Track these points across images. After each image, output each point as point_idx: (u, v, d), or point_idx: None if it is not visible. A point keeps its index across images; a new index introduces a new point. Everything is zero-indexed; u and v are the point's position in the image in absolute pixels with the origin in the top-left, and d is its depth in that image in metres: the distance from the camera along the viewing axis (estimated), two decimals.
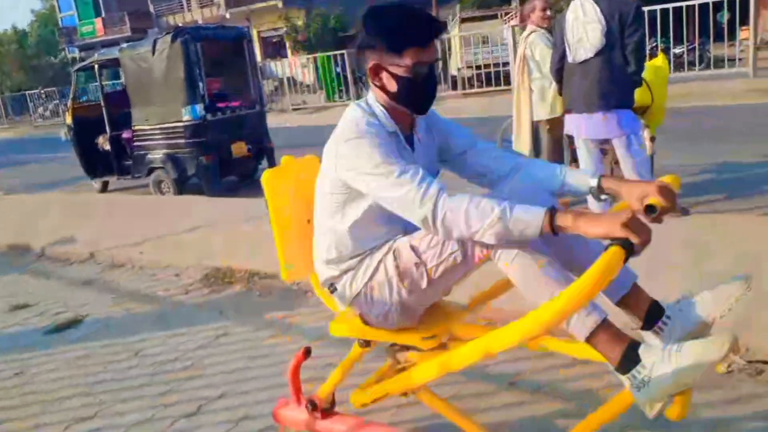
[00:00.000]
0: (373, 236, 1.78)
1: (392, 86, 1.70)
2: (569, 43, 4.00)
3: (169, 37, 6.83)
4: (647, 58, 4.37)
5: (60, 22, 39.62)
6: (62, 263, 4.97)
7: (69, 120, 8.42)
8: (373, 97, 1.78)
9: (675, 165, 5.50)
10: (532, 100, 4.69)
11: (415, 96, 1.73)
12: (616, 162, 4.30)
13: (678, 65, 12.29)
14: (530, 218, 1.46)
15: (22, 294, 4.29)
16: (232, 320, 3.39)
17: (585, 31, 3.88)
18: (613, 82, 3.87)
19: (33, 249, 5.36)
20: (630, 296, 1.65)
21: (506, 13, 19.63)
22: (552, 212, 1.44)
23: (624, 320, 1.70)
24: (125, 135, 7.75)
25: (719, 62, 12.00)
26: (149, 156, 7.36)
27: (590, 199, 3.95)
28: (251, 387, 2.65)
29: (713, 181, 5.20)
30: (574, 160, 4.76)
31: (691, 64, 12.48)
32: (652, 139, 4.37)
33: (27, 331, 3.64)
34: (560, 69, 4.18)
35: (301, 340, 2.97)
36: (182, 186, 7.21)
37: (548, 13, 4.62)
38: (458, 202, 1.51)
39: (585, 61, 3.93)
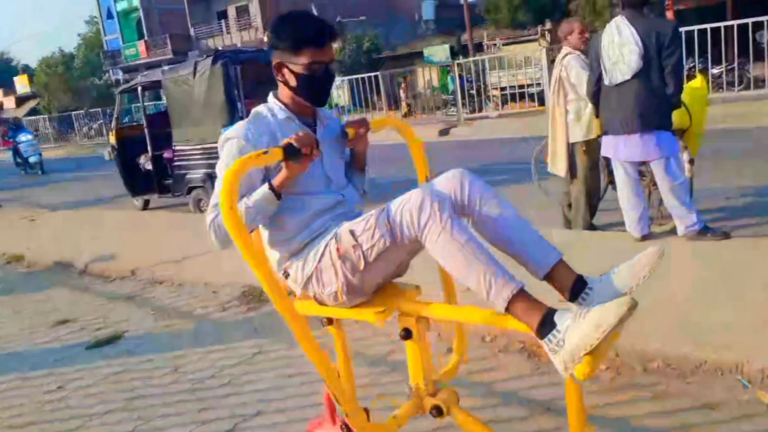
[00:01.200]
0: (295, 212, 1.94)
1: (292, 81, 1.95)
2: (605, 65, 3.99)
3: (209, 60, 6.99)
4: (685, 79, 4.33)
5: (105, 45, 40.94)
6: (103, 279, 5.10)
7: (113, 140, 8.66)
8: (274, 93, 2.06)
9: (715, 188, 5.41)
10: (567, 122, 4.66)
11: (311, 90, 1.96)
12: (655, 185, 4.24)
13: (717, 86, 12.10)
14: (260, 195, 1.82)
15: (64, 309, 4.40)
16: (268, 338, 3.42)
17: (621, 53, 3.87)
18: (650, 104, 3.84)
19: (75, 265, 5.51)
20: (555, 271, 1.76)
21: (542, 34, 19.63)
22: (269, 184, 1.81)
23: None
24: (166, 155, 7.93)
25: (759, 82, 11.77)
26: (189, 175, 7.51)
27: None
28: (286, 405, 2.67)
29: (754, 204, 5.08)
30: (611, 183, 4.72)
31: (731, 84, 12.25)
32: (691, 161, 4.31)
33: (68, 347, 3.73)
34: (597, 91, 4.16)
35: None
36: None
37: (586, 35, 4.60)
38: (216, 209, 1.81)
39: (622, 84, 3.91)
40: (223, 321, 3.82)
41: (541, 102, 13.40)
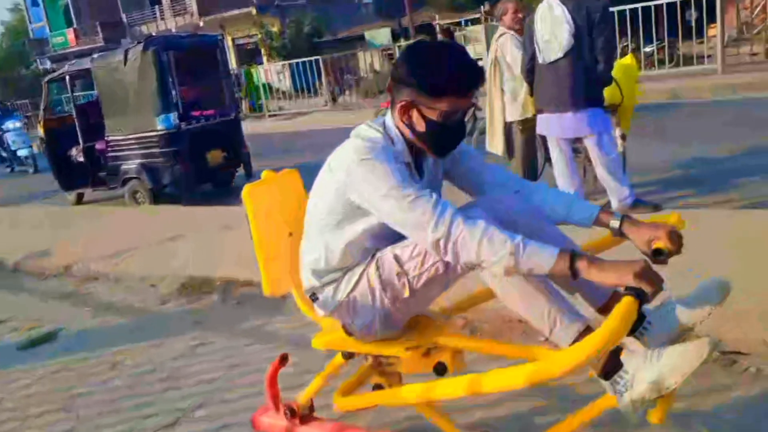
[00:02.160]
0: (363, 252, 1.77)
1: (421, 126, 1.68)
2: (538, 44, 4.05)
3: (140, 47, 6.77)
4: (617, 57, 4.44)
5: (31, 33, 39.12)
6: (37, 277, 4.90)
7: (41, 132, 8.32)
8: (392, 122, 1.74)
9: (646, 161, 5.59)
10: (504, 101, 4.73)
11: (441, 141, 1.72)
12: (589, 161, 4.35)
13: (648, 64, 12.48)
14: (543, 259, 1.45)
15: None
16: (210, 330, 3.37)
17: (553, 32, 3.93)
18: (582, 81, 3.93)
19: (6, 264, 5.28)
20: (611, 303, 1.66)
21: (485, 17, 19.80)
22: (571, 255, 1.44)
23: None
24: (99, 146, 7.67)
25: (688, 60, 12.20)
26: (124, 166, 7.28)
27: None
28: (230, 396, 2.64)
29: (685, 177, 5.28)
30: (548, 160, 4.82)
31: (661, 62, 12.66)
32: (623, 136, 4.44)
33: (1, 347, 3.58)
34: (531, 70, 4.22)
35: (279, 347, 2.96)
36: (158, 196, 7.15)
37: (520, 15, 4.67)
38: (472, 230, 1.50)
39: (554, 62, 3.98)
40: (163, 314, 3.74)
41: None
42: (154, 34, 20.97)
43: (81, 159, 7.93)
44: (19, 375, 3.17)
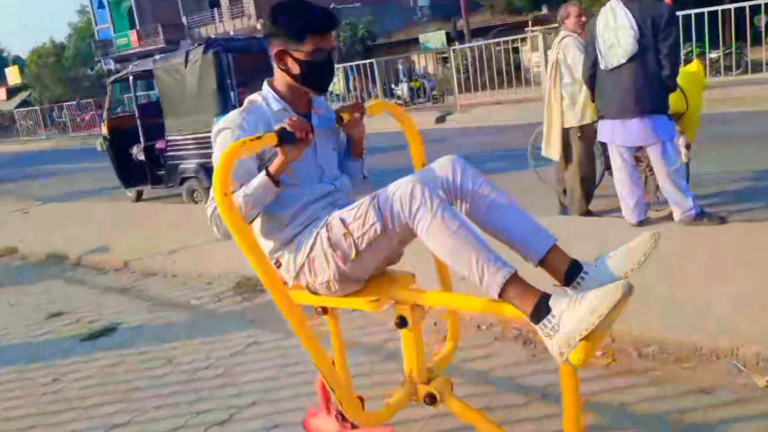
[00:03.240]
0: (284, 203, 1.93)
1: (295, 69, 1.92)
2: (600, 49, 3.95)
3: (200, 49, 6.92)
4: (682, 63, 4.30)
5: (96, 35, 40.65)
6: (97, 272, 5.06)
7: (104, 131, 8.58)
8: (268, 81, 2.03)
9: (712, 172, 5.39)
10: (563, 106, 4.64)
11: (315, 77, 1.94)
12: (651, 170, 4.22)
13: (714, 70, 12.06)
14: (257, 182, 1.79)
15: (57, 302, 4.38)
16: (263, 328, 3.40)
17: (617, 37, 3.83)
18: (646, 88, 3.81)
19: (69, 258, 5.47)
20: (550, 257, 1.75)
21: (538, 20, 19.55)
22: (267, 171, 1.79)
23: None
24: (159, 145, 7.87)
25: (757, 66, 11.73)
26: (182, 165, 7.45)
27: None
28: (282, 395, 2.66)
29: (751, 189, 5.07)
30: (608, 168, 4.69)
31: (728, 68, 12.22)
32: (688, 146, 4.29)
33: (62, 339, 3.70)
34: (593, 76, 4.13)
35: (332, 348, 2.97)
36: None
37: (583, 19, 4.57)
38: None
39: (617, 68, 3.88)
40: (218, 312, 3.80)
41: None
42: (212, 36, 21.49)
43: (141, 158, 8.15)
44: (80, 366, 3.27)
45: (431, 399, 1.99)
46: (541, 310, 1.56)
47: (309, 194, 1.95)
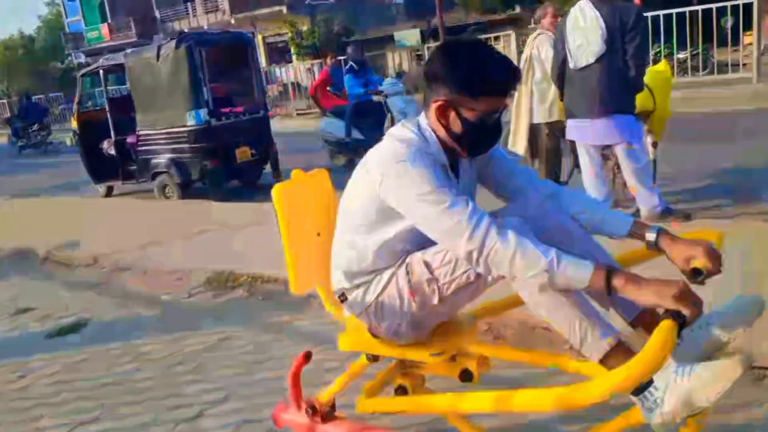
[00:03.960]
0: (394, 255, 1.75)
1: (457, 127, 1.65)
2: (570, 49, 4.01)
3: (173, 43, 6.86)
4: (650, 63, 4.38)
5: (67, 28, 39.84)
6: (66, 267, 4.99)
7: (74, 125, 8.46)
8: (427, 123, 1.71)
9: (678, 170, 5.50)
10: (532, 102, 4.71)
11: (477, 141, 1.70)
12: (618, 168, 4.30)
13: (682, 70, 12.28)
14: (579, 275, 1.43)
15: (25, 298, 4.31)
16: (235, 324, 3.40)
17: (585, 37, 3.89)
18: (613, 87, 3.88)
19: (37, 253, 5.38)
20: (644, 315, 1.64)
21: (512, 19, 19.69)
22: (608, 271, 1.41)
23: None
24: (130, 140, 7.78)
25: (723, 67, 11.97)
26: (154, 160, 7.39)
27: None
28: (253, 391, 2.66)
29: (717, 187, 5.18)
30: (577, 165, 4.77)
31: (695, 69, 12.45)
32: (655, 144, 4.38)
33: (30, 335, 3.66)
34: (561, 74, 4.19)
35: (303, 344, 2.98)
36: (186, 190, 7.24)
37: (559, 19, 4.65)
38: (506, 244, 1.47)
39: (586, 67, 3.94)
40: (189, 307, 3.78)
41: None
42: (186, 30, 21.25)
43: (112, 152, 8.05)
44: (46, 363, 3.23)
45: (403, 391, 2.00)
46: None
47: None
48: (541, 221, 1.63)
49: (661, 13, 10.99)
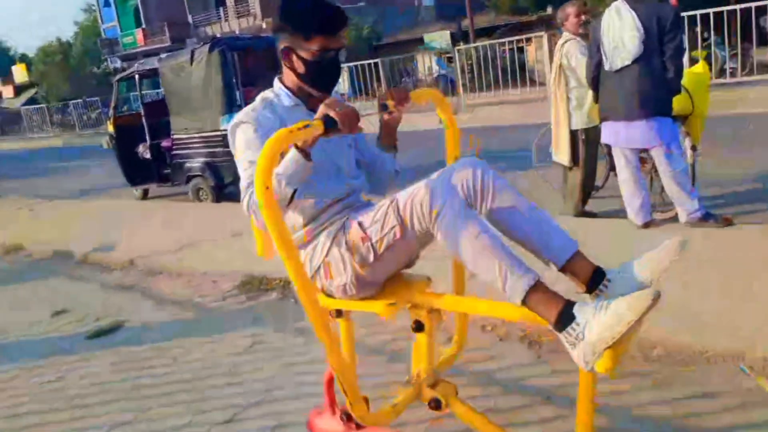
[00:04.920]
0: (308, 206, 1.90)
1: (300, 68, 1.89)
2: (605, 50, 3.94)
3: (206, 48, 6.94)
4: (687, 64, 4.28)
5: (103, 33, 40.73)
6: (102, 269, 5.08)
7: (110, 129, 8.62)
8: (279, 78, 1.99)
9: (718, 174, 5.37)
10: (570, 109, 4.61)
11: (320, 77, 1.91)
12: (656, 171, 4.21)
13: (720, 71, 12.01)
14: (288, 158, 1.66)
15: (63, 300, 4.39)
16: (268, 327, 3.41)
17: (621, 38, 3.82)
18: (651, 89, 3.80)
19: (74, 255, 5.49)
20: (572, 263, 1.72)
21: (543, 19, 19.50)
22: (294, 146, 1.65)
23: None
24: (165, 143, 7.90)
25: (763, 67, 11.67)
26: (188, 164, 7.48)
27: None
28: (286, 395, 2.66)
29: (758, 191, 5.05)
30: (612, 169, 4.68)
31: (734, 70, 12.17)
32: (694, 148, 4.28)
33: (68, 336, 3.72)
34: (596, 77, 4.11)
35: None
36: (220, 193, 7.31)
37: (583, 18, 4.54)
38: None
39: (622, 69, 3.86)
40: (222, 310, 3.81)
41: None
42: (218, 35, 21.50)
43: (147, 156, 8.18)
44: (84, 363, 3.28)
45: (436, 404, 2.00)
46: (565, 317, 1.53)
47: (325, 195, 1.91)
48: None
49: (698, 12, 10.75)
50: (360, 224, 1.81)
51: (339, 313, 2.06)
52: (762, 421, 2.10)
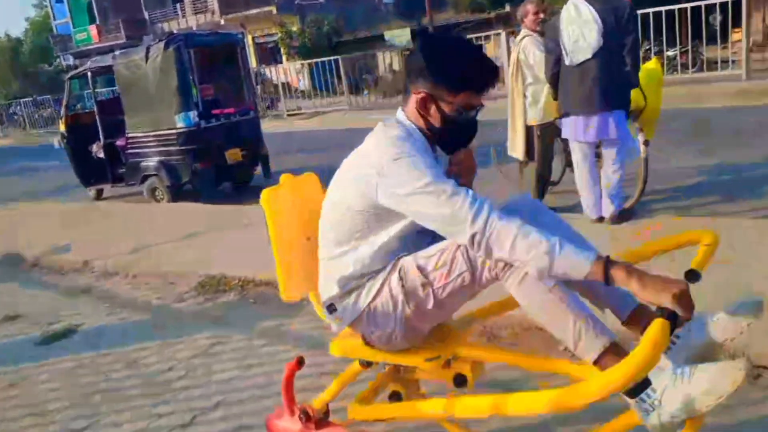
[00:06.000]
0: (389, 256, 1.73)
1: (436, 120, 1.70)
2: (565, 45, 3.96)
3: (161, 44, 6.81)
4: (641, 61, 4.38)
5: (54, 30, 39.59)
6: (56, 273, 4.95)
7: (62, 128, 8.40)
8: (404, 116, 1.75)
9: (669, 168, 5.51)
10: (525, 105, 4.68)
11: (454, 136, 1.74)
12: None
13: (671, 68, 12.33)
14: (579, 261, 1.42)
15: (14, 304, 4.25)
16: (227, 329, 3.37)
17: (581, 32, 3.86)
18: (611, 83, 3.86)
19: (26, 258, 5.33)
20: (637, 314, 1.64)
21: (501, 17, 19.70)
22: (607, 261, 1.41)
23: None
24: (119, 142, 7.73)
25: (712, 64, 12.03)
26: (143, 163, 7.34)
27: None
28: (246, 396, 2.63)
29: (708, 184, 5.20)
30: (569, 165, 4.76)
31: (685, 66, 12.50)
32: (646, 142, 4.37)
33: (19, 342, 3.60)
34: (556, 74, 4.13)
35: (296, 349, 2.96)
36: (176, 193, 7.19)
37: (541, 16, 4.61)
38: (508, 226, 1.47)
39: (582, 63, 3.90)
40: (180, 312, 3.74)
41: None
42: (175, 31, 21.17)
43: (101, 155, 8.00)
44: (37, 370, 3.19)
45: (397, 397, 1.99)
46: (640, 382, 1.40)
47: (401, 235, 1.71)
48: (539, 217, 1.65)
49: (650, 10, 11.01)
50: (420, 268, 1.65)
51: (368, 363, 1.96)
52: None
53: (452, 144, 1.77)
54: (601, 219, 4.13)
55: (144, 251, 4.93)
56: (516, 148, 4.82)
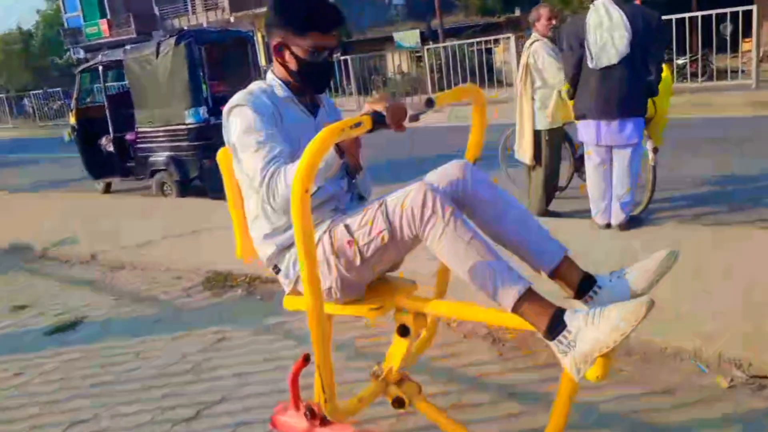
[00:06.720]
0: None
1: (293, 64, 1.87)
2: (590, 48, 3.90)
3: (172, 40, 6.84)
4: None
5: (65, 23, 39.72)
6: (63, 264, 4.98)
7: (73, 121, 8.44)
8: (271, 71, 1.95)
9: (677, 176, 5.51)
10: (534, 109, 4.68)
11: (312, 77, 1.89)
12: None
13: (681, 76, 12.31)
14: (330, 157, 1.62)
15: (22, 294, 4.29)
16: (233, 324, 3.38)
17: (611, 36, 3.82)
18: (633, 90, 3.85)
19: (34, 249, 5.37)
20: (562, 268, 1.72)
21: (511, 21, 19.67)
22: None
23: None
24: (128, 136, 7.76)
25: (722, 74, 12.01)
26: (152, 158, 7.37)
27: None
28: (251, 392, 2.64)
29: (715, 193, 5.19)
30: (577, 170, 4.76)
31: (694, 75, 12.48)
32: (655, 150, 4.37)
33: (27, 332, 3.63)
34: (577, 74, 4.06)
35: (303, 345, 2.97)
36: (185, 188, 7.22)
37: (553, 22, 4.60)
38: (288, 172, 1.66)
39: (607, 68, 3.87)
40: (187, 306, 3.76)
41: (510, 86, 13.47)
42: (186, 27, 21.18)
43: (110, 149, 8.04)
44: (44, 360, 3.21)
45: (399, 403, 2.01)
46: (556, 325, 1.51)
47: (320, 195, 1.84)
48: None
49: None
50: (347, 227, 1.77)
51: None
52: (718, 417, 2.16)
53: (314, 86, 1.94)
54: (608, 225, 4.11)
55: (151, 245, 4.95)
56: (524, 153, 4.82)
